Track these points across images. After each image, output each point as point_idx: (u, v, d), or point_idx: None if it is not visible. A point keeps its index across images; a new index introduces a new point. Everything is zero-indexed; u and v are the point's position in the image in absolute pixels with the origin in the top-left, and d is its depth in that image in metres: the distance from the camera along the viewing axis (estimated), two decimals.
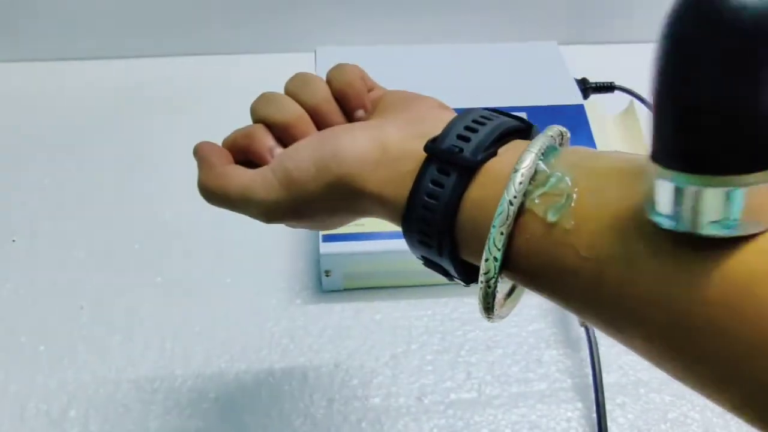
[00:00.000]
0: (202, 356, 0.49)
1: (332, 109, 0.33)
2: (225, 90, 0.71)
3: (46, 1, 0.69)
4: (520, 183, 0.24)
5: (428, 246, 0.27)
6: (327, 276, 0.51)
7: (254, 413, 0.46)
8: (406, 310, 0.52)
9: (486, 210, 0.25)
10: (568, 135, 0.27)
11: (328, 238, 0.50)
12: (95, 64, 0.73)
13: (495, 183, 0.25)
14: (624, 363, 0.49)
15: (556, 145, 0.26)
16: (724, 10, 0.16)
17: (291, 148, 0.32)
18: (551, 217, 0.23)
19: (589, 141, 0.57)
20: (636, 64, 0.78)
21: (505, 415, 0.46)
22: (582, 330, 0.48)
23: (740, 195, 0.18)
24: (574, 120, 0.58)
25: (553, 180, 0.24)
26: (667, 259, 0.20)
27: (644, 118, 0.61)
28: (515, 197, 0.24)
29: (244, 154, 0.33)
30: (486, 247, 0.24)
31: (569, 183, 0.23)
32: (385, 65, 0.63)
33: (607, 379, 0.46)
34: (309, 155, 0.30)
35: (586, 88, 0.63)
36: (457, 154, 0.26)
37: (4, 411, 0.45)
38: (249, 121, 0.72)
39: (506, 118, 0.28)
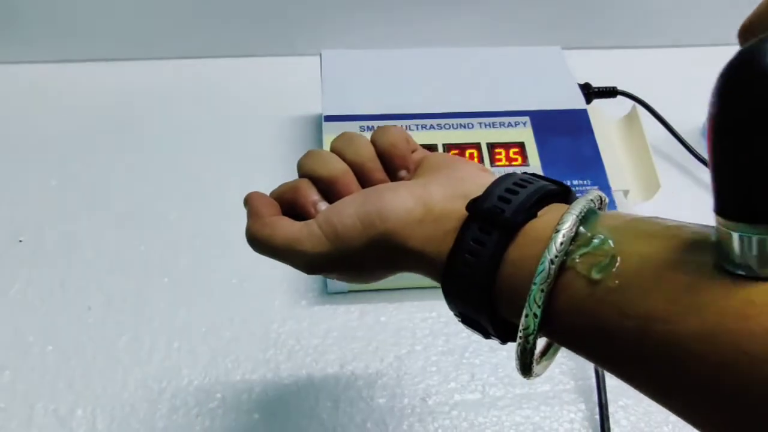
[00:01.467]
0: (209, 356, 0.49)
1: (376, 167, 0.35)
2: (231, 93, 0.71)
3: (55, 3, 0.69)
4: (561, 243, 0.25)
5: (467, 303, 0.28)
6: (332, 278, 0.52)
7: (260, 413, 0.46)
8: (410, 311, 0.52)
9: (526, 269, 0.25)
10: (607, 200, 0.29)
11: None
12: (104, 65, 0.73)
13: (535, 243, 0.26)
14: None
15: (596, 209, 0.27)
16: None
17: (337, 203, 0.33)
18: (596, 275, 0.24)
19: (592, 146, 0.57)
20: (639, 69, 0.80)
21: (509, 417, 0.46)
22: None
23: None
24: (577, 124, 0.59)
25: (596, 242, 0.25)
26: (726, 300, 0.21)
27: (646, 122, 0.62)
28: (556, 256, 0.24)
29: (290, 206, 0.35)
30: (526, 304, 0.25)
31: (612, 245, 0.24)
32: (390, 68, 0.64)
33: (610, 381, 0.47)
34: (354, 211, 0.31)
35: (589, 92, 0.63)
36: (499, 215, 0.27)
37: (12, 410, 0.45)
38: (256, 123, 0.72)
39: (545, 182, 0.29)
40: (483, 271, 0.27)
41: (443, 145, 0.56)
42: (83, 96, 0.70)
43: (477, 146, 0.56)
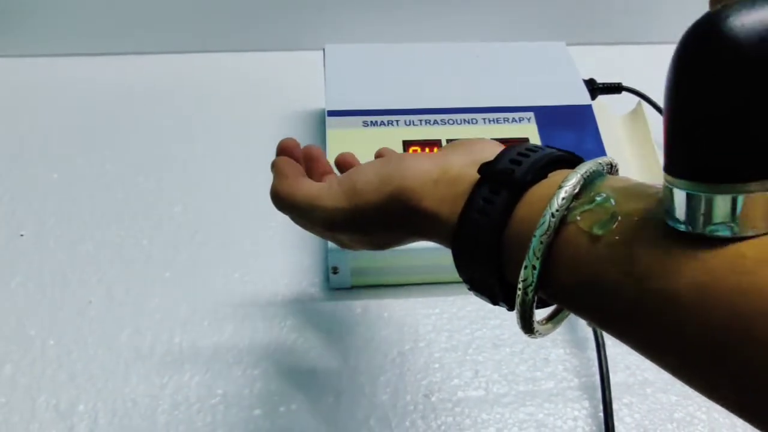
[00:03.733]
0: (211, 351, 0.49)
1: None
2: (234, 87, 0.71)
3: None
4: (563, 198, 0.25)
5: (475, 262, 0.29)
6: (334, 273, 0.51)
7: (262, 409, 0.46)
8: (413, 307, 0.52)
9: (530, 226, 0.26)
10: (618, 167, 0.29)
11: None
12: (104, 60, 0.73)
13: (540, 201, 0.26)
14: (631, 363, 0.49)
15: (604, 171, 0.27)
16: (725, 31, 0.19)
17: (358, 165, 0.35)
18: (596, 231, 0.24)
19: (597, 141, 0.57)
20: (644, 65, 0.79)
21: (513, 414, 0.46)
22: (589, 330, 0.48)
23: (741, 201, 0.20)
24: (582, 120, 0.58)
25: (598, 199, 0.25)
26: (690, 260, 0.21)
27: (651, 118, 0.61)
28: (557, 210, 0.25)
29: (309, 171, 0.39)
30: (527, 256, 0.25)
31: (613, 203, 0.25)
32: (394, 63, 0.64)
33: (613, 378, 0.47)
34: (374, 170, 0.33)
35: (594, 88, 0.63)
36: (509, 175, 0.28)
37: (14, 404, 0.45)
38: (259, 118, 0.72)
39: (558, 150, 0.30)
40: (490, 229, 0.27)
41: (447, 140, 0.56)
42: (86, 90, 0.70)
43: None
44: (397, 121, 0.57)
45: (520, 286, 0.26)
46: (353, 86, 0.60)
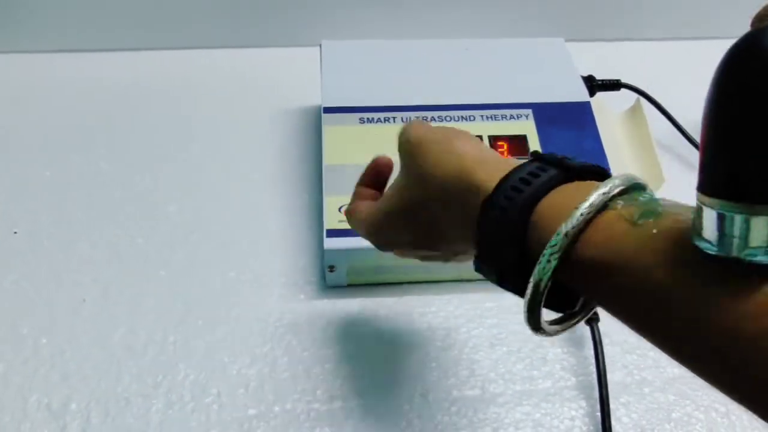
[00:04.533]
0: (205, 350, 0.48)
1: None
2: (230, 84, 0.71)
3: None
4: (613, 186, 0.26)
5: (501, 226, 0.29)
6: (331, 271, 0.51)
7: (256, 408, 0.45)
8: (410, 306, 0.51)
9: (572, 202, 0.26)
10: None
11: (332, 234, 0.50)
12: (99, 56, 0.73)
13: (588, 186, 0.27)
14: (628, 362, 0.49)
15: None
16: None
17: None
18: (637, 219, 0.25)
19: (595, 139, 0.56)
20: (643, 61, 0.79)
21: (509, 413, 0.46)
22: (587, 328, 0.48)
23: None
24: (580, 117, 0.58)
25: (643, 198, 0.26)
26: (715, 284, 0.21)
27: (650, 116, 0.61)
28: (605, 194, 0.26)
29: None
30: (563, 224, 0.26)
31: (660, 203, 0.25)
32: (391, 59, 0.63)
33: (611, 377, 0.46)
34: (433, 154, 0.34)
35: (593, 85, 0.62)
36: (563, 159, 0.29)
37: (5, 404, 0.45)
38: (255, 114, 0.71)
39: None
40: (533, 193, 0.28)
41: None
42: (81, 87, 0.69)
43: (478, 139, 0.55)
44: (393, 117, 0.57)
45: (545, 252, 0.26)
46: (350, 83, 0.59)
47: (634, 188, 0.27)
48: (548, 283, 0.26)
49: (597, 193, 0.26)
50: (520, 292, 0.28)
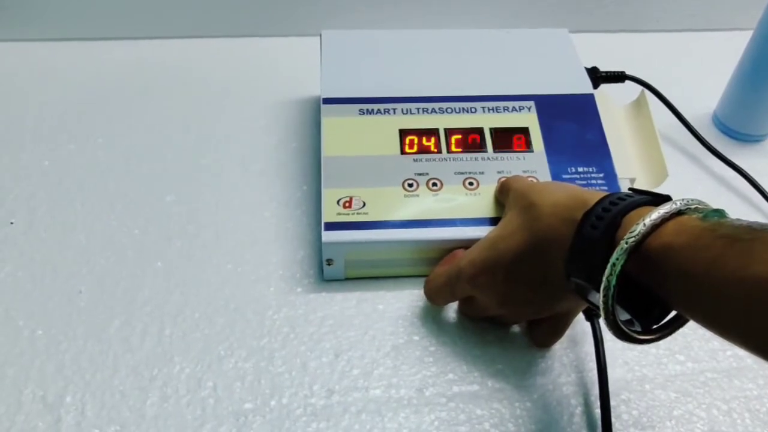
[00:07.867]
0: (202, 343, 0.48)
1: None
2: (228, 74, 0.70)
3: None
4: (688, 200, 0.33)
5: (597, 226, 0.35)
6: (329, 265, 0.50)
7: (253, 402, 0.45)
8: (409, 300, 0.51)
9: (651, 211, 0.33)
10: None
11: (330, 227, 0.49)
12: (97, 45, 0.72)
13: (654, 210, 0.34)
14: (629, 358, 0.48)
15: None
16: None
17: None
18: (704, 216, 0.32)
19: (599, 131, 0.55)
20: (648, 53, 0.78)
21: (508, 409, 0.45)
22: (587, 325, 0.47)
23: None
24: (583, 110, 0.57)
25: (711, 211, 0.33)
26: None
27: (655, 108, 0.60)
28: (682, 200, 0.33)
29: None
30: (643, 219, 0.32)
31: (728, 216, 0.32)
32: (392, 50, 0.62)
33: (612, 374, 0.46)
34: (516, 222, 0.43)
35: (597, 77, 0.61)
36: (624, 197, 0.36)
37: (0, 395, 0.45)
38: (253, 105, 0.71)
39: None
40: (624, 207, 0.35)
41: (445, 129, 0.55)
42: (78, 76, 0.69)
43: (480, 131, 0.55)
44: (394, 109, 0.56)
45: (626, 237, 0.32)
46: (350, 73, 0.59)
47: (701, 203, 0.34)
48: (624, 263, 0.32)
49: (674, 200, 0.33)
50: (604, 296, 0.33)
